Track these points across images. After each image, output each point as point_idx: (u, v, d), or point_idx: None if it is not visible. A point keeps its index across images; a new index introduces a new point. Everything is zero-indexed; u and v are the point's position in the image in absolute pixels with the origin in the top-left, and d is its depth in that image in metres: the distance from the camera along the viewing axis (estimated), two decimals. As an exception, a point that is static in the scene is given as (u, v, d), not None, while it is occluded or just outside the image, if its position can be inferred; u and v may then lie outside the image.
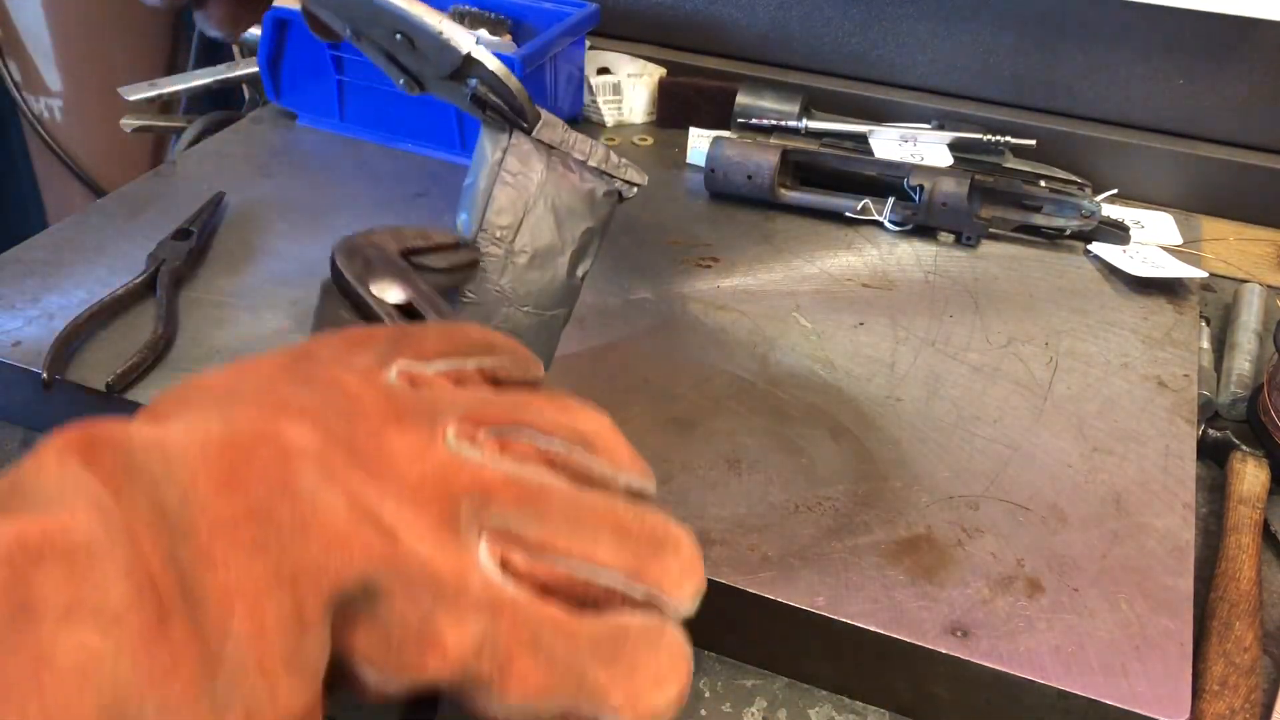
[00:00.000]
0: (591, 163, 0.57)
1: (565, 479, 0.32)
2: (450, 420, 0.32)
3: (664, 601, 0.31)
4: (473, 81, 0.55)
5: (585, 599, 0.30)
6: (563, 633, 0.29)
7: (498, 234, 0.55)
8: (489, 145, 0.57)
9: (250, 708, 0.25)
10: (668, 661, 0.30)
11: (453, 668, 0.28)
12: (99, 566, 0.24)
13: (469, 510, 0.30)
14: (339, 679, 0.29)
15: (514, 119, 0.56)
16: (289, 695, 0.26)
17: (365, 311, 0.47)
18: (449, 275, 0.52)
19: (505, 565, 0.30)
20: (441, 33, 0.53)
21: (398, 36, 0.54)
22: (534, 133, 0.56)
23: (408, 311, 0.48)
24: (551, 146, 0.56)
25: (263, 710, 0.26)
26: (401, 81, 0.59)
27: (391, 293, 0.47)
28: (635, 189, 0.58)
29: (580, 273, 0.56)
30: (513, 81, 0.54)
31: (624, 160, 0.57)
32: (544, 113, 0.56)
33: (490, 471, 0.31)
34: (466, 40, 0.53)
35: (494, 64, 0.54)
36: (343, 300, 0.48)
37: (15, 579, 0.23)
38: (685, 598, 0.32)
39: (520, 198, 0.55)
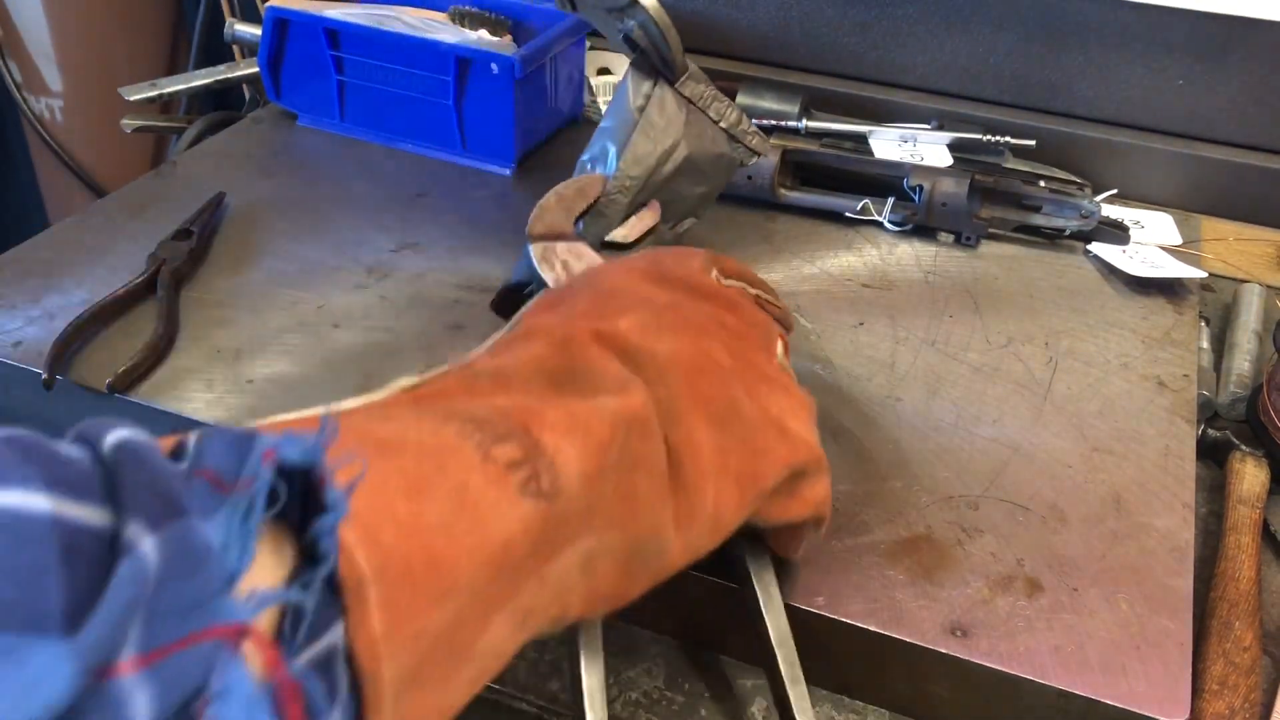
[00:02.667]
0: (723, 124, 0.58)
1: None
2: (775, 341, 0.48)
3: None
4: (630, 23, 0.56)
5: None
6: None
7: (627, 183, 0.56)
8: (632, 90, 0.58)
9: (695, 547, 0.40)
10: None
11: (812, 510, 0.45)
12: (654, 436, 0.38)
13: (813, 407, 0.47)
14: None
15: (662, 68, 0.56)
16: (711, 543, 0.41)
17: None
18: (638, 244, 0.57)
19: None
20: None
21: None
22: (678, 85, 0.56)
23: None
24: (692, 102, 0.57)
25: (700, 548, 0.40)
26: None
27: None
28: (755, 157, 0.60)
29: (682, 229, 0.57)
30: (671, 32, 0.55)
31: (753, 127, 0.60)
32: (691, 65, 0.56)
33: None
34: None
35: (655, 8, 0.55)
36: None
37: (627, 439, 0.36)
38: None
39: (654, 151, 0.57)
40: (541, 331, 0.40)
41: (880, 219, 0.80)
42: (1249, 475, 0.62)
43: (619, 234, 0.56)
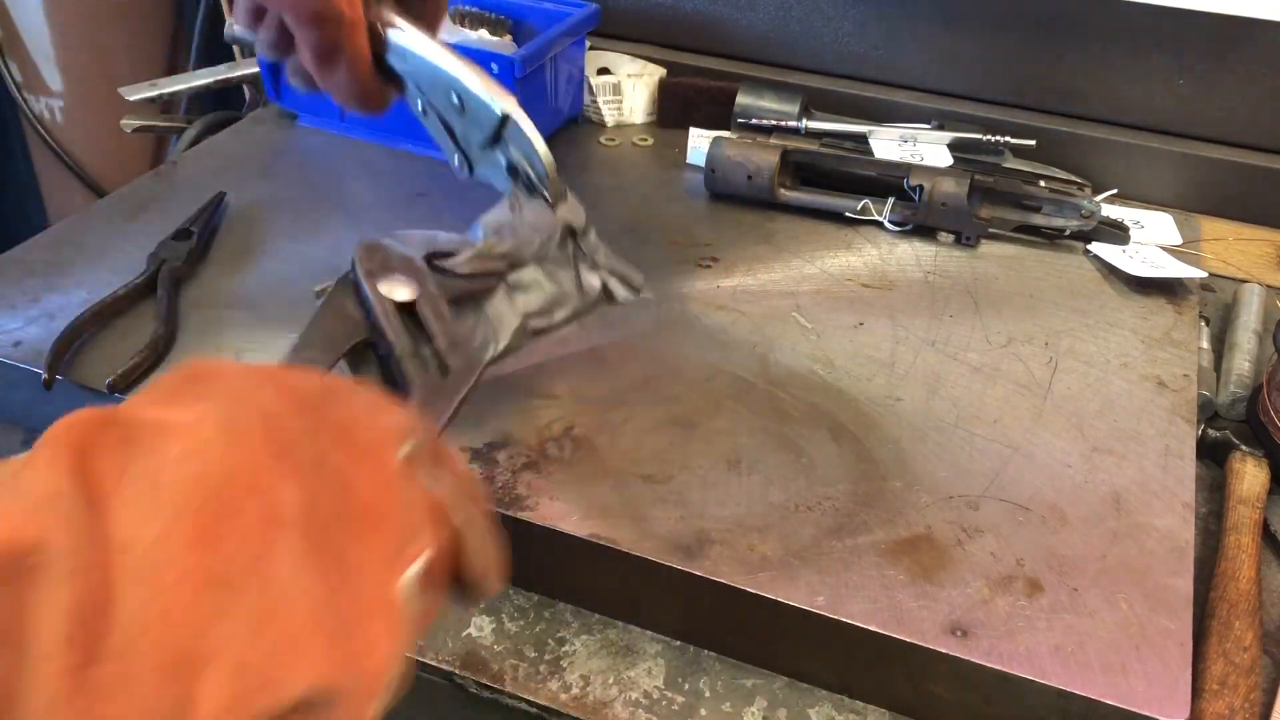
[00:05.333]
0: (598, 258, 0.58)
1: None
2: (425, 545, 0.33)
3: None
4: (510, 149, 0.58)
5: None
6: None
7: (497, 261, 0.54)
8: (517, 193, 0.59)
9: None
10: None
11: None
12: (47, 590, 0.25)
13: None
14: None
15: (540, 188, 0.57)
16: None
17: (367, 307, 0.49)
18: (469, 281, 0.52)
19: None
20: (484, 91, 0.56)
21: (453, 97, 0.57)
22: (555, 209, 0.57)
23: (410, 311, 0.49)
24: (571, 230, 0.57)
25: None
26: (455, 160, 0.61)
27: (399, 291, 0.49)
28: (633, 295, 0.59)
29: (533, 327, 0.56)
30: (544, 153, 0.56)
31: (627, 266, 0.59)
32: (570, 196, 0.57)
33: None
34: (507, 101, 0.56)
35: (528, 126, 0.56)
36: (353, 293, 0.50)
37: None
38: None
39: (522, 249, 0.55)
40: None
41: (880, 219, 0.80)
42: (1249, 475, 0.62)
43: (452, 262, 0.52)
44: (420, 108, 0.60)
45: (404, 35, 0.57)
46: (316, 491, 0.30)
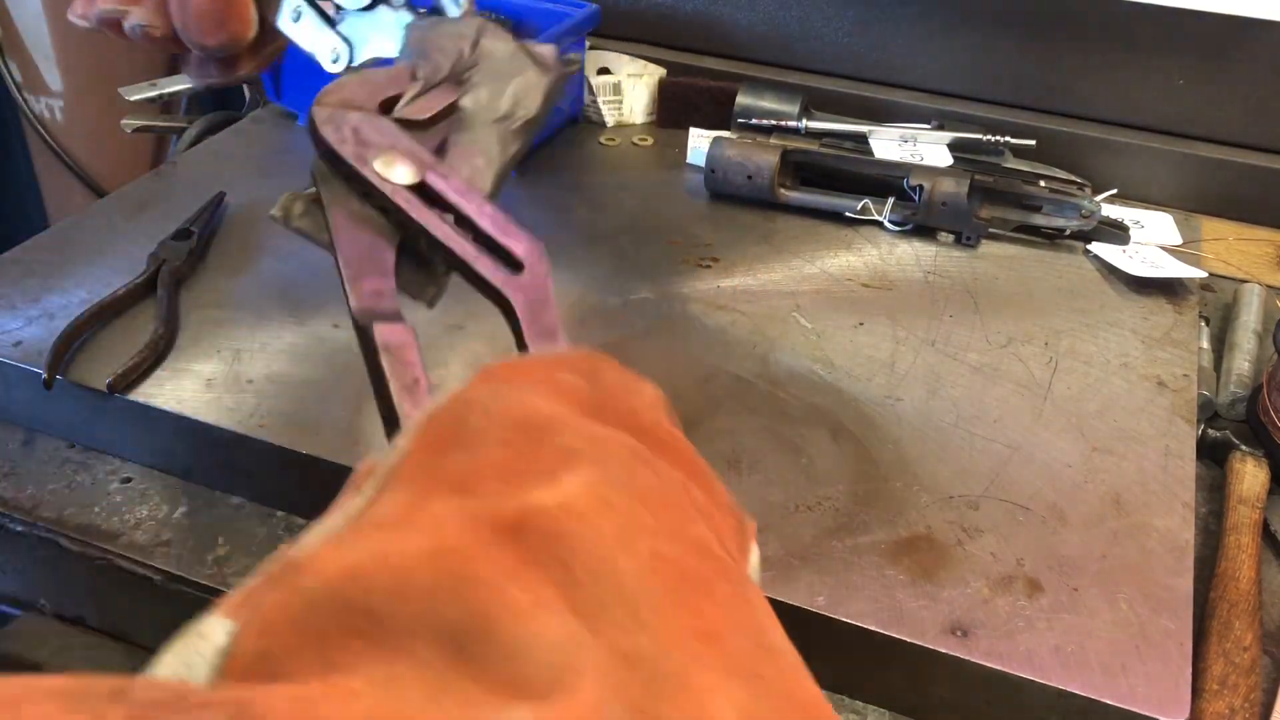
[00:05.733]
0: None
1: None
2: (751, 541, 0.31)
3: None
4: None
5: None
6: None
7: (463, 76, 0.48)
8: (418, 22, 0.51)
9: None
10: None
11: None
12: None
13: None
14: None
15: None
16: None
17: (379, 201, 0.42)
18: (434, 124, 0.45)
19: None
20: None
21: None
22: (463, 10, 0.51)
23: (421, 191, 0.42)
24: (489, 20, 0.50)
25: None
26: (333, 52, 0.54)
27: (398, 171, 0.42)
28: (575, 65, 0.52)
29: (514, 127, 0.48)
30: None
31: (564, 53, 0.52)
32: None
33: None
34: None
35: None
36: (346, 185, 0.43)
37: None
38: None
39: (458, 62, 0.48)
40: (422, 527, 0.23)
41: (880, 219, 0.80)
42: (1249, 475, 0.62)
43: (409, 110, 0.45)
44: (294, 10, 0.53)
45: None
46: (700, 512, 0.28)
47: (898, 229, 0.80)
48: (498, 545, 0.22)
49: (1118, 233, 0.79)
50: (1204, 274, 0.76)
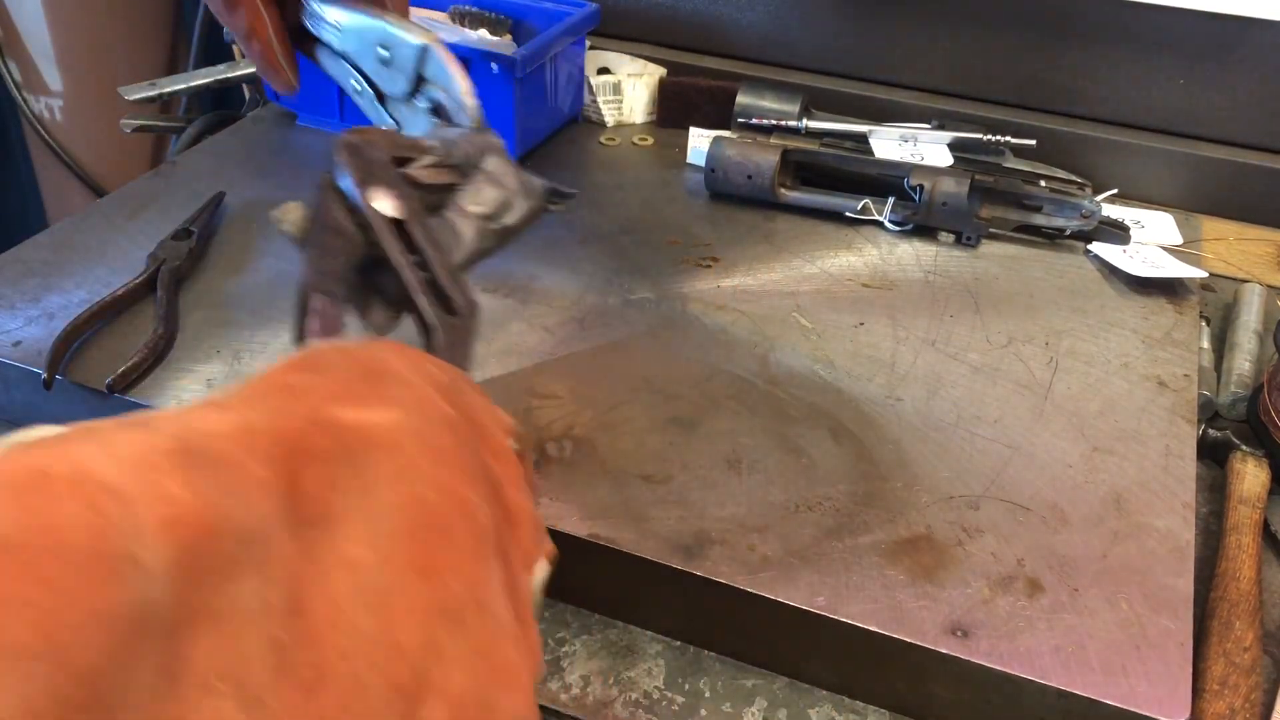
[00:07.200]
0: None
1: None
2: (535, 564, 0.35)
3: None
4: (432, 89, 0.57)
5: None
6: None
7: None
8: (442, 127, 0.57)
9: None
10: None
11: None
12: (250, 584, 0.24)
13: None
14: None
15: (461, 118, 0.58)
16: None
17: (361, 220, 0.48)
18: (432, 192, 0.51)
19: None
20: (402, 29, 0.56)
21: (379, 50, 0.57)
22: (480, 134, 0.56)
23: (399, 229, 0.48)
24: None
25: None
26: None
27: (386, 205, 0.48)
28: (570, 197, 0.58)
29: (491, 227, 0.54)
30: (461, 79, 0.55)
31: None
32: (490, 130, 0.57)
33: None
34: (427, 36, 0.55)
35: (445, 56, 0.56)
36: (340, 202, 0.48)
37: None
38: None
39: (470, 158, 0.54)
40: (241, 411, 0.27)
41: (880, 219, 0.80)
42: (1249, 475, 0.62)
43: (418, 171, 0.51)
44: (354, 85, 0.60)
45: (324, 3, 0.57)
46: (491, 504, 0.31)
47: (898, 229, 0.80)
48: (289, 440, 0.26)
49: (1118, 233, 0.79)
50: (1204, 274, 0.76)
